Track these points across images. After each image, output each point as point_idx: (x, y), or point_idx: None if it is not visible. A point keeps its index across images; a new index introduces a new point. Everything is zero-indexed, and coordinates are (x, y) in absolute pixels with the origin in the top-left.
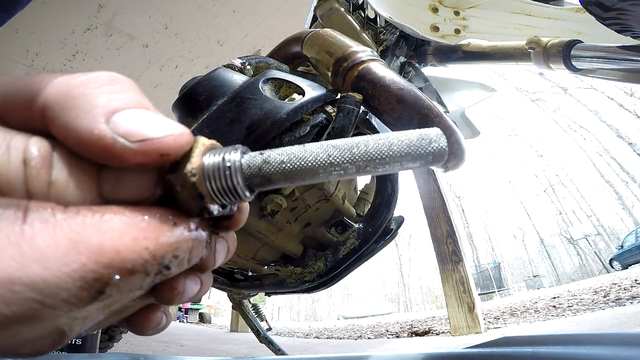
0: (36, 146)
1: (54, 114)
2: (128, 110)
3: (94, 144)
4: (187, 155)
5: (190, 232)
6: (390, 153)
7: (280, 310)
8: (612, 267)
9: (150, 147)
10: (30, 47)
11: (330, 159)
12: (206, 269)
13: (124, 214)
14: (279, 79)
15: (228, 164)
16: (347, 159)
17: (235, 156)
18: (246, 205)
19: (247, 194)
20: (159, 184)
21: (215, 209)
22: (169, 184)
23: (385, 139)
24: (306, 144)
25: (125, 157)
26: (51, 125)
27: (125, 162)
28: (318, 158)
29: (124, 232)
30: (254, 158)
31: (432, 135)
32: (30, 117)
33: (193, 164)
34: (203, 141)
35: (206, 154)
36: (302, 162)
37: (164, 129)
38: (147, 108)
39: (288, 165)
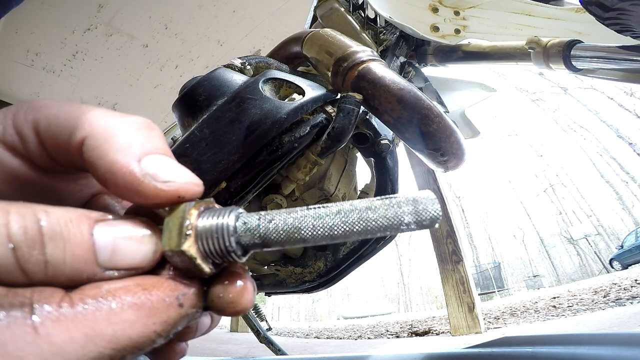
0: (21, 226)
1: (94, 145)
2: (158, 155)
3: (124, 177)
4: (182, 215)
5: (191, 310)
6: (385, 223)
7: (280, 310)
8: (612, 267)
9: (171, 188)
10: (30, 47)
11: (327, 230)
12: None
13: (130, 301)
14: (279, 79)
15: (222, 227)
16: (342, 229)
17: (230, 220)
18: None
19: (241, 256)
20: (156, 253)
21: (208, 267)
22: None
23: (380, 206)
24: (299, 210)
25: (148, 194)
26: (88, 154)
27: (145, 199)
28: (315, 228)
29: (135, 321)
30: (249, 222)
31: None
32: (67, 149)
33: (187, 224)
34: (199, 202)
35: (201, 216)
36: (299, 232)
37: (184, 176)
38: (172, 157)
39: (283, 235)
